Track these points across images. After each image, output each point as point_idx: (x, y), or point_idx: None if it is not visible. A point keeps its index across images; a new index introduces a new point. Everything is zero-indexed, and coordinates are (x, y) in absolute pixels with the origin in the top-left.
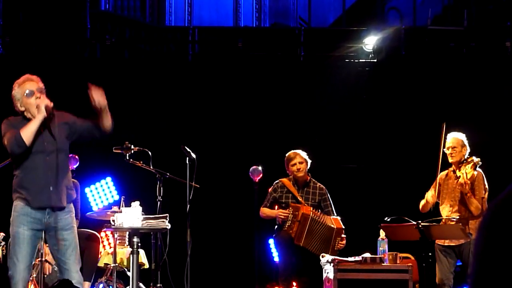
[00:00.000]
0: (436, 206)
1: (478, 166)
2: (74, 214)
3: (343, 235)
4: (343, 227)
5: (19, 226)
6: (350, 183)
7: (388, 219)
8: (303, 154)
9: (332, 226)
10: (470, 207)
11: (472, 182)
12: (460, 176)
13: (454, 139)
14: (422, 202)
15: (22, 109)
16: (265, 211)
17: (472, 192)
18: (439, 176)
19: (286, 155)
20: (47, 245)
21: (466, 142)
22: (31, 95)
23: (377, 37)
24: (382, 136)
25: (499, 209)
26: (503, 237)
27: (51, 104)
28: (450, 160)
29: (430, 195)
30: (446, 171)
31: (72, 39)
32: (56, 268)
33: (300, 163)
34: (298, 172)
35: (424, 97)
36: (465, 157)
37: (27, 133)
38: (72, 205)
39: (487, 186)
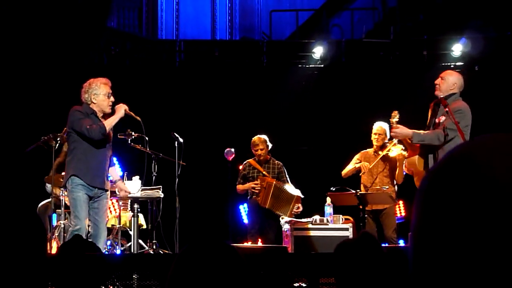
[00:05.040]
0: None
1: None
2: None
3: (300, 203)
4: (302, 196)
5: (79, 192)
6: (303, 162)
7: (333, 189)
8: (265, 140)
9: (294, 194)
10: (399, 176)
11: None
12: (388, 153)
13: (380, 127)
14: (345, 171)
15: (95, 102)
16: (240, 187)
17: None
18: (360, 154)
19: (252, 140)
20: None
21: (388, 131)
22: (109, 96)
23: (323, 47)
24: (327, 125)
25: (437, 174)
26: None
27: (127, 108)
28: (375, 144)
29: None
30: (365, 151)
31: (85, 49)
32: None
33: (261, 149)
34: (259, 156)
35: (359, 95)
36: (386, 142)
37: (109, 126)
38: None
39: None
